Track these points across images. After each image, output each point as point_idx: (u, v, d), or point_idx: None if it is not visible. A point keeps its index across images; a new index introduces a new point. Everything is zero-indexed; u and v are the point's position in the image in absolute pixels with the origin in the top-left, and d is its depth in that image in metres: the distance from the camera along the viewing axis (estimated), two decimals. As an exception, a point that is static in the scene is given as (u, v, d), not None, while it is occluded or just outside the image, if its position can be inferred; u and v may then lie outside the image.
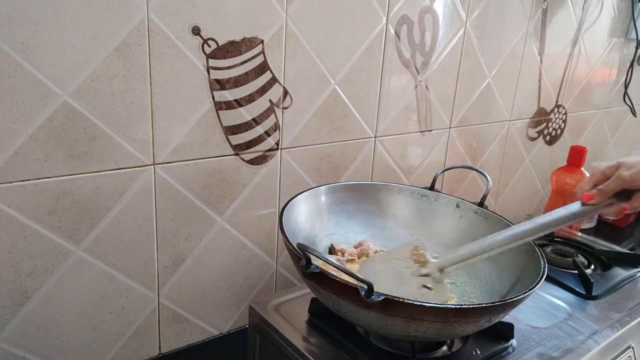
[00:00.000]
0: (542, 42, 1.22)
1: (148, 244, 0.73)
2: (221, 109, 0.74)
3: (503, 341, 0.71)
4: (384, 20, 0.89)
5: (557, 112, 1.37)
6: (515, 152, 1.30)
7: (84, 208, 0.66)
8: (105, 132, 0.65)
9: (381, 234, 0.83)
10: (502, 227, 0.77)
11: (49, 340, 0.68)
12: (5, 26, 0.55)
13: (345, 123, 0.90)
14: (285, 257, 0.90)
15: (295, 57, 0.79)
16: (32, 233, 0.63)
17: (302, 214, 0.76)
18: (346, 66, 0.86)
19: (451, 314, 0.55)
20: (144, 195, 0.70)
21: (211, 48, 0.70)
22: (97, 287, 0.70)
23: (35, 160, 0.61)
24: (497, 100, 1.18)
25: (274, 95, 0.79)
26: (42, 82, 0.59)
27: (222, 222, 0.80)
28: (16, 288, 0.64)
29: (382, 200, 0.85)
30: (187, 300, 0.80)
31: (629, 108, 1.59)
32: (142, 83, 0.66)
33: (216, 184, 0.77)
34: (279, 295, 0.80)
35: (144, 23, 0.64)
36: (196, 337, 0.83)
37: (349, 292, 0.56)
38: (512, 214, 1.34)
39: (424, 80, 1.00)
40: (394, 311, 0.55)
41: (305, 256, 0.58)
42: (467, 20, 1.02)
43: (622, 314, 0.82)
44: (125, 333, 0.75)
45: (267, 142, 0.81)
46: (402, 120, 0.99)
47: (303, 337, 0.70)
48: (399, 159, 1.02)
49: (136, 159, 0.68)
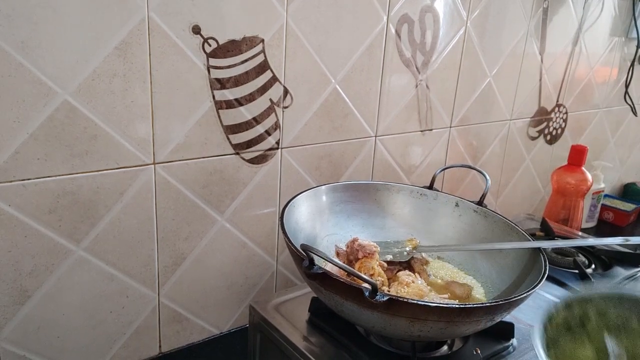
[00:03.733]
0: (543, 41, 1.22)
1: (148, 243, 0.73)
2: (221, 108, 0.74)
3: (504, 341, 0.71)
4: (384, 20, 0.89)
5: (557, 112, 1.37)
6: (515, 151, 1.30)
7: (84, 207, 0.66)
8: (105, 131, 0.65)
9: (381, 233, 0.83)
10: (502, 226, 0.77)
11: (49, 339, 0.68)
12: (6, 25, 0.55)
13: (346, 122, 0.90)
14: (285, 257, 0.90)
15: (296, 56, 0.79)
16: (33, 232, 0.63)
17: (303, 213, 0.76)
18: (347, 65, 0.86)
19: (455, 314, 0.55)
20: (144, 194, 0.70)
21: (211, 47, 0.70)
22: (98, 286, 0.70)
23: (35, 160, 0.61)
24: (498, 99, 1.18)
25: (275, 95, 0.79)
26: (42, 81, 0.59)
27: (223, 222, 0.80)
28: (16, 287, 0.64)
29: (382, 200, 0.85)
30: (187, 299, 0.80)
31: (630, 107, 1.59)
32: (142, 82, 0.66)
33: (216, 183, 0.77)
34: (279, 294, 0.80)
35: (144, 22, 0.64)
36: (196, 337, 0.83)
37: (352, 292, 0.56)
38: (513, 213, 1.34)
39: (424, 80, 1.00)
40: (398, 311, 0.55)
41: (308, 257, 0.58)
42: (468, 19, 1.02)
43: (622, 314, 0.82)
44: (125, 332, 0.75)
45: (268, 142, 0.81)
46: (402, 119, 0.99)
47: (303, 337, 0.70)
48: (400, 158, 1.02)
49: (136, 158, 0.68)
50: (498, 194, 1.31)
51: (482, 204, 0.81)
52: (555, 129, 1.39)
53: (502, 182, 1.31)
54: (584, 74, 1.39)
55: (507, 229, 0.76)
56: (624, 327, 0.53)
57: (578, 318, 0.55)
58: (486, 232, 0.79)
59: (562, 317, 0.55)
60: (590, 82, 1.43)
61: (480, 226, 0.80)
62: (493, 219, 0.79)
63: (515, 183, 1.35)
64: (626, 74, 1.53)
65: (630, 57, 1.51)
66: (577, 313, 0.55)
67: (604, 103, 1.52)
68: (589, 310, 0.55)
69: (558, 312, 0.55)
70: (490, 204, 1.19)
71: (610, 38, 1.42)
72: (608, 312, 0.54)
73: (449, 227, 0.83)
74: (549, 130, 1.37)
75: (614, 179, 1.71)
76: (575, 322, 0.55)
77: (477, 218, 0.81)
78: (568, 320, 0.55)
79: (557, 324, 0.55)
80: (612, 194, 1.66)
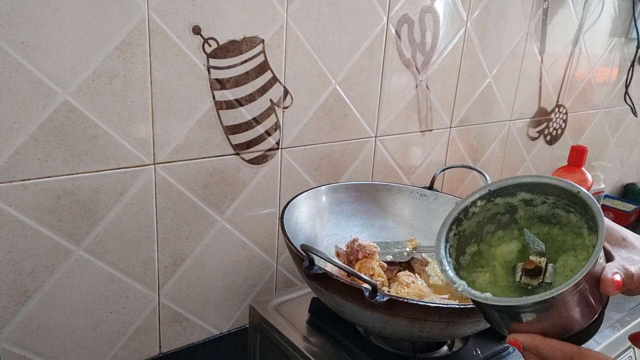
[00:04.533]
0: (543, 41, 1.22)
1: (148, 243, 0.73)
2: (222, 108, 0.74)
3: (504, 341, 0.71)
4: (384, 20, 0.89)
5: (557, 112, 1.37)
6: (515, 151, 1.30)
7: (84, 207, 0.66)
8: (105, 131, 0.65)
9: (381, 233, 0.83)
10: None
11: (49, 339, 0.68)
12: (6, 25, 0.55)
13: (346, 123, 0.90)
14: (285, 257, 0.90)
15: (296, 57, 0.79)
16: (33, 232, 0.63)
17: (303, 214, 0.76)
18: (347, 66, 0.86)
19: (455, 314, 0.55)
20: (144, 194, 0.70)
21: (212, 47, 0.70)
22: (98, 286, 0.70)
23: (35, 160, 0.61)
24: (498, 100, 1.18)
25: (275, 95, 0.79)
26: (43, 82, 0.59)
27: (223, 222, 0.80)
28: (17, 287, 0.64)
29: (382, 200, 0.85)
30: (187, 299, 0.80)
31: (630, 108, 1.59)
32: (142, 82, 0.66)
33: (216, 184, 0.77)
34: (279, 294, 0.80)
35: (145, 22, 0.64)
36: (196, 337, 0.83)
37: (352, 293, 0.56)
38: (513, 213, 1.34)
39: (424, 80, 1.00)
40: (398, 312, 0.55)
41: (308, 257, 0.58)
42: (468, 19, 1.02)
43: (622, 314, 0.82)
44: (125, 332, 0.75)
45: (268, 142, 0.81)
46: (402, 119, 0.99)
47: (303, 337, 0.70)
48: (400, 158, 1.02)
49: (137, 158, 0.68)
50: (498, 194, 1.31)
51: (482, 204, 0.81)
52: (555, 130, 1.39)
53: (502, 183, 1.31)
54: (584, 74, 1.39)
55: (507, 229, 0.76)
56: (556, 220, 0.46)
57: (503, 207, 0.48)
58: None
59: (480, 207, 0.49)
60: (590, 83, 1.43)
61: (480, 226, 0.80)
62: (493, 220, 0.79)
63: (515, 183, 1.34)
64: (626, 74, 1.53)
65: (630, 58, 1.51)
66: (501, 202, 0.48)
67: (604, 103, 1.52)
68: (513, 200, 0.48)
69: (475, 203, 0.49)
70: (490, 205, 1.19)
71: (610, 38, 1.42)
72: (535, 201, 0.47)
73: (449, 227, 0.83)
74: (549, 130, 1.37)
75: (614, 180, 1.71)
76: (499, 211, 0.48)
77: (477, 218, 0.80)
78: (488, 210, 0.49)
79: (475, 214, 0.49)
80: (612, 195, 1.66)
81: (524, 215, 0.48)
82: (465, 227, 0.50)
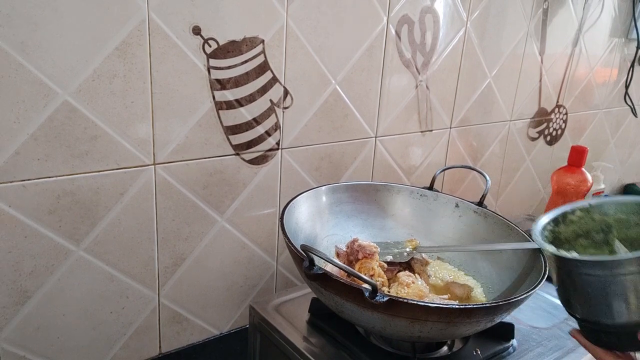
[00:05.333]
0: (543, 42, 1.22)
1: (148, 243, 0.73)
2: (222, 108, 0.74)
3: (504, 341, 0.71)
4: (384, 20, 0.89)
5: (557, 112, 1.37)
6: (515, 152, 1.30)
7: (84, 208, 0.66)
8: (105, 131, 0.65)
9: (381, 233, 0.83)
10: (502, 226, 0.77)
11: (49, 339, 0.68)
12: (6, 25, 0.55)
13: (346, 123, 0.90)
14: (285, 257, 0.90)
15: (296, 57, 0.79)
16: (33, 233, 0.63)
17: (303, 214, 0.76)
18: (347, 66, 0.86)
19: (455, 314, 0.55)
20: (144, 195, 0.70)
21: (212, 48, 0.70)
22: (98, 286, 0.70)
23: (35, 160, 0.61)
24: (498, 100, 1.18)
25: (275, 95, 0.79)
26: (43, 82, 0.59)
27: (223, 222, 0.80)
28: (16, 288, 0.64)
29: (382, 200, 0.85)
30: (187, 300, 0.80)
31: (630, 108, 1.59)
32: (142, 83, 0.66)
33: (217, 184, 0.77)
34: (279, 295, 0.80)
35: (145, 23, 0.64)
36: (196, 337, 0.83)
37: (353, 293, 0.56)
38: (513, 214, 1.34)
39: (424, 80, 1.00)
40: (398, 312, 0.55)
41: (308, 257, 0.58)
42: (468, 20, 1.02)
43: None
44: (125, 333, 0.75)
45: (268, 142, 0.81)
46: (402, 120, 0.99)
47: (303, 337, 0.70)
48: (400, 159, 1.02)
49: (137, 158, 0.68)
50: (498, 194, 1.31)
51: (482, 204, 0.81)
52: (555, 130, 1.39)
53: (502, 183, 1.31)
54: (584, 74, 1.39)
55: (507, 229, 0.76)
56: None
57: (599, 224, 0.53)
58: (486, 233, 0.79)
59: (578, 217, 0.53)
60: (590, 83, 1.43)
61: (480, 227, 0.80)
62: (493, 220, 0.79)
63: (515, 184, 1.35)
64: (626, 74, 1.53)
65: (630, 58, 1.51)
66: (598, 219, 0.53)
67: (604, 104, 1.52)
68: (609, 219, 0.52)
69: (574, 211, 0.53)
70: (490, 205, 1.19)
71: (610, 39, 1.42)
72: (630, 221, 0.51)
73: (449, 227, 0.83)
74: (549, 131, 1.37)
75: (614, 180, 1.71)
76: (594, 228, 0.53)
77: (477, 219, 0.81)
78: (586, 224, 0.53)
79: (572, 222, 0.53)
80: (612, 195, 1.66)
81: (617, 236, 0.52)
82: (562, 230, 0.55)
